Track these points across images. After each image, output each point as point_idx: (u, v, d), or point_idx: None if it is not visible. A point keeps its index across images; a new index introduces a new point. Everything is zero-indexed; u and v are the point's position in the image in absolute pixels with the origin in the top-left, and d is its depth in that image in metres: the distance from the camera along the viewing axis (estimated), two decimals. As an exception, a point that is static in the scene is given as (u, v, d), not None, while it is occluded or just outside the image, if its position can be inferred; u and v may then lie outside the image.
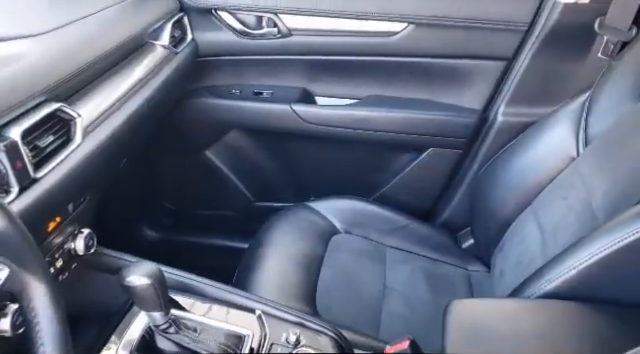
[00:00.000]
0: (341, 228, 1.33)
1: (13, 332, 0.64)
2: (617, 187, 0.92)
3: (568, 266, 0.81)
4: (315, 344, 0.84)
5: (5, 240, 0.50)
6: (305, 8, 1.31)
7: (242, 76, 1.45)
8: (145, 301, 0.76)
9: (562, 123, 1.18)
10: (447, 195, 1.47)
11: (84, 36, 0.97)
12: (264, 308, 0.90)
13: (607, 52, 1.15)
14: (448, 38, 1.31)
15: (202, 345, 0.80)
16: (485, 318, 0.79)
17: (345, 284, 1.18)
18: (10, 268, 0.50)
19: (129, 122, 1.02)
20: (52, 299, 0.52)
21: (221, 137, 1.52)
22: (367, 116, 1.41)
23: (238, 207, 1.62)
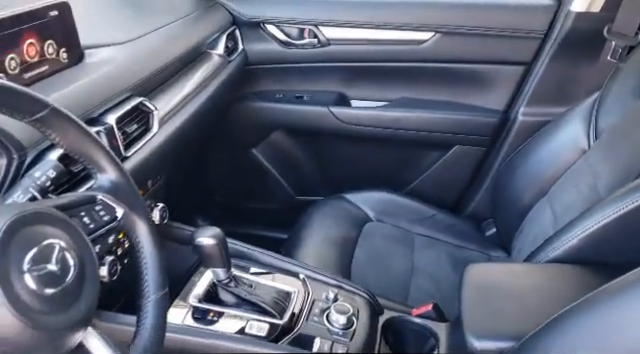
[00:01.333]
0: (373, 217, 1.47)
1: (109, 278, 0.81)
2: (619, 170, 1.04)
3: (571, 235, 0.94)
4: (350, 302, 0.99)
5: (121, 189, 0.67)
6: (342, 20, 1.48)
7: (285, 82, 1.62)
8: (211, 258, 0.93)
9: (575, 120, 1.30)
10: (472, 189, 1.60)
11: (158, 45, 1.16)
12: (307, 272, 1.05)
13: (615, 56, 1.27)
14: (471, 45, 1.46)
15: (257, 297, 0.96)
16: (496, 278, 0.92)
17: (376, 263, 1.32)
18: (124, 210, 0.67)
19: (193, 117, 1.20)
20: (152, 235, 0.69)
21: (266, 137, 1.69)
22: (397, 117, 1.56)
23: (280, 201, 1.78)
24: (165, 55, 1.16)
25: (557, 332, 0.70)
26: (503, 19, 1.42)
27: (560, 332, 0.69)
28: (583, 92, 1.34)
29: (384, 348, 0.98)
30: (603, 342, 0.64)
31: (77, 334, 0.55)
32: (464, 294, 0.89)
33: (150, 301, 0.66)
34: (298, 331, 0.92)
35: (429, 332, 1.01)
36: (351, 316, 0.95)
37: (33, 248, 0.51)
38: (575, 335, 0.68)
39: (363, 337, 0.94)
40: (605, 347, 0.64)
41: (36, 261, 0.51)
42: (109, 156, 0.67)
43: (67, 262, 0.54)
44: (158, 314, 0.66)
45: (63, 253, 0.54)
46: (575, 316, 0.68)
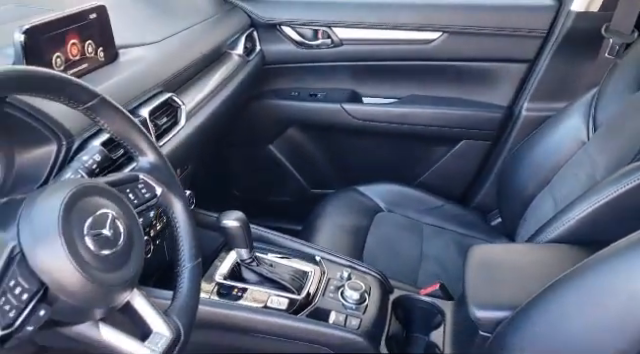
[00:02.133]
0: (384, 207, 1.55)
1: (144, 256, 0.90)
2: (614, 158, 1.11)
3: (569, 217, 1.01)
4: (363, 280, 1.07)
5: (159, 170, 0.76)
6: (354, 21, 1.57)
7: (300, 80, 1.71)
8: (235, 239, 1.01)
9: (575, 114, 1.37)
10: (478, 181, 1.68)
11: (183, 45, 1.26)
12: (322, 255, 1.14)
13: (613, 52, 1.34)
14: (477, 44, 1.53)
15: (277, 276, 1.04)
16: (497, 256, 1.00)
17: (387, 250, 1.40)
18: (162, 189, 0.76)
19: (215, 113, 1.29)
20: (187, 212, 0.78)
21: (282, 133, 1.78)
22: (407, 112, 1.64)
23: (295, 194, 1.87)
24: (190, 54, 1.25)
25: (546, 301, 0.77)
26: (507, 19, 1.50)
27: (549, 301, 0.77)
28: (583, 87, 1.40)
29: (394, 323, 1.06)
30: (585, 307, 0.72)
31: (125, 292, 0.64)
32: (468, 270, 0.97)
33: (186, 269, 0.75)
34: (315, 305, 1.00)
35: (436, 309, 1.09)
36: (363, 293, 1.03)
37: (90, 216, 0.60)
38: (561, 303, 0.75)
39: (374, 312, 1.02)
40: (586, 311, 0.72)
41: (93, 227, 0.60)
42: (149, 141, 0.76)
43: (118, 229, 0.63)
44: (193, 280, 0.75)
45: (115, 221, 0.63)
46: (561, 286, 0.76)
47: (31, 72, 0.61)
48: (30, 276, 0.54)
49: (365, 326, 0.98)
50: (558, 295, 0.77)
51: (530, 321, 0.79)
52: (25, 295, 0.53)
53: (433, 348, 1.02)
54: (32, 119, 0.75)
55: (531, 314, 0.79)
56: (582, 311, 0.73)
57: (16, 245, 0.55)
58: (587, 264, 0.76)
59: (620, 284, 0.70)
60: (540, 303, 0.79)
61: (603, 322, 0.70)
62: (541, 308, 0.78)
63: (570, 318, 0.74)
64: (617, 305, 0.69)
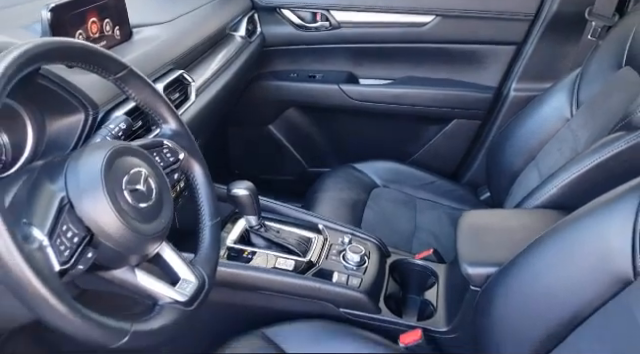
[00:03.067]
0: (380, 183, 1.63)
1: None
2: (595, 131, 1.20)
3: (552, 185, 1.10)
4: (363, 245, 1.15)
5: (181, 137, 0.83)
6: (352, 4, 1.64)
7: (299, 62, 1.78)
8: (245, 207, 1.09)
9: (560, 93, 1.45)
10: (469, 158, 1.76)
11: (191, 25, 1.32)
12: (325, 223, 1.22)
13: (595, 34, 1.42)
14: (468, 27, 1.61)
15: (283, 240, 1.12)
16: (486, 220, 1.09)
17: (384, 221, 1.48)
18: (184, 154, 0.83)
19: (221, 91, 1.36)
20: (206, 175, 0.85)
21: (281, 113, 1.85)
22: (401, 93, 1.72)
23: (294, 172, 1.95)
24: (198, 34, 1.32)
25: (528, 256, 0.86)
26: (496, 3, 1.58)
27: (531, 256, 0.86)
28: (567, 68, 1.49)
29: (392, 284, 1.14)
30: (561, 261, 0.81)
31: (157, 243, 0.71)
32: (459, 233, 1.05)
33: (207, 226, 0.83)
34: (319, 267, 1.08)
35: (430, 271, 1.18)
36: (363, 256, 1.11)
37: (127, 173, 0.68)
38: (541, 258, 0.84)
39: (373, 273, 1.10)
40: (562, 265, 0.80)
41: (130, 182, 0.67)
42: (172, 110, 0.83)
43: (151, 186, 0.70)
44: (213, 236, 0.83)
45: (147, 179, 0.70)
46: (541, 243, 0.85)
47: (73, 43, 0.68)
48: (78, 223, 0.62)
49: (365, 285, 1.06)
50: (538, 251, 0.85)
51: (514, 274, 0.88)
52: (75, 238, 0.61)
53: (427, 305, 1.11)
54: (62, 90, 0.82)
55: (515, 268, 0.88)
56: (558, 264, 0.82)
57: (64, 196, 0.62)
58: (564, 223, 0.85)
59: (591, 240, 0.79)
60: (523, 258, 0.87)
61: (577, 273, 0.79)
62: (524, 263, 0.87)
63: (548, 271, 0.83)
64: (588, 258, 0.78)
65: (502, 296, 0.89)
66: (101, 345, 0.59)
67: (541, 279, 0.84)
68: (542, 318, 0.82)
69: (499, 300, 0.89)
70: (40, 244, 0.57)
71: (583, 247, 0.80)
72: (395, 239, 1.41)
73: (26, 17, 0.95)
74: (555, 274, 0.82)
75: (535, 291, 0.84)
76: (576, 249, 0.81)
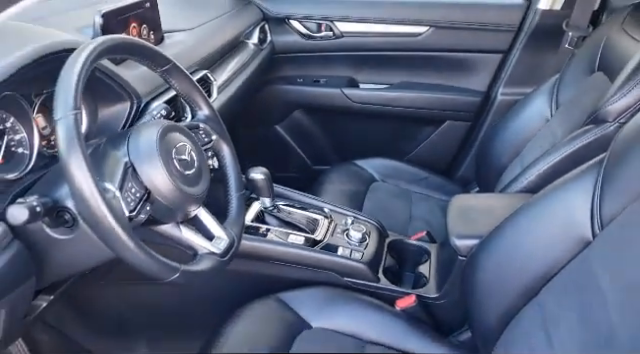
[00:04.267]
0: (378, 178, 1.78)
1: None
2: (570, 127, 1.35)
3: (532, 172, 1.26)
4: (364, 226, 1.30)
5: (213, 122, 0.99)
6: (354, 16, 1.81)
7: (305, 68, 1.94)
8: (260, 189, 1.24)
9: (541, 96, 1.62)
10: (460, 156, 1.92)
11: (212, 33, 1.49)
12: (330, 207, 1.37)
13: (572, 44, 1.59)
14: (459, 37, 1.78)
15: (294, 220, 1.27)
16: (473, 201, 1.24)
17: (381, 211, 1.62)
18: (216, 136, 0.98)
19: (236, 92, 1.52)
20: (233, 155, 1.00)
21: (288, 115, 2.01)
22: (398, 96, 1.88)
23: (299, 170, 2.10)
24: (217, 40, 1.48)
25: (506, 226, 1.01)
26: (485, 15, 1.75)
27: (508, 226, 1.01)
28: (548, 74, 1.65)
29: (389, 260, 1.29)
30: (533, 228, 0.96)
31: (197, 204, 0.86)
32: (449, 212, 1.20)
33: (234, 197, 0.98)
34: (326, 242, 1.23)
35: (423, 250, 1.33)
36: (364, 234, 1.26)
37: (175, 145, 0.83)
38: (517, 226, 1.00)
39: (373, 249, 1.25)
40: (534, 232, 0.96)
41: (177, 153, 0.82)
42: (206, 100, 0.99)
43: (193, 157, 0.86)
44: (240, 205, 0.98)
45: (190, 152, 0.85)
46: (517, 214, 1.00)
47: (134, 40, 0.84)
48: (139, 182, 0.77)
49: (366, 258, 1.21)
50: (514, 222, 1.01)
51: (494, 243, 1.03)
52: (138, 194, 0.76)
53: (420, 277, 1.26)
54: (113, 82, 0.97)
55: (495, 238, 1.03)
56: (531, 232, 0.97)
57: (128, 161, 0.77)
58: (536, 197, 1.00)
59: (559, 209, 0.94)
60: (501, 229, 1.02)
61: (546, 238, 0.94)
62: (502, 233, 1.02)
63: (523, 237, 0.98)
64: (556, 225, 0.93)
65: (484, 262, 1.04)
66: (157, 278, 0.74)
67: (516, 245, 0.99)
68: (517, 278, 0.97)
69: (481, 266, 1.04)
70: (114, 194, 0.72)
71: (551, 216, 0.95)
72: (392, 225, 1.56)
73: (77, 22, 1.11)
74: (528, 240, 0.97)
75: (511, 255, 0.99)
76: (546, 218, 0.96)
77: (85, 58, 0.73)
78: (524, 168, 1.43)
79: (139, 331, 1.31)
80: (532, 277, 0.94)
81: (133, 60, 0.88)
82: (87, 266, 0.83)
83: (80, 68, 0.71)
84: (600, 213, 0.87)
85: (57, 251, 0.78)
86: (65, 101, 0.68)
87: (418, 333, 1.10)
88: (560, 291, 0.90)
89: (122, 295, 1.26)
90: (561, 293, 0.90)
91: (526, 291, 0.95)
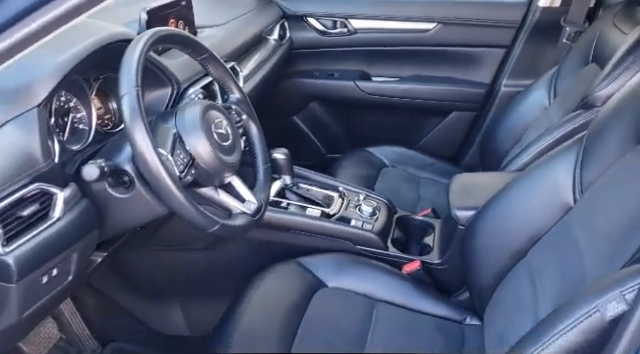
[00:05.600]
0: (389, 164, 1.92)
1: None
2: (564, 112, 1.47)
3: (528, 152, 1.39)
4: (375, 202, 1.44)
5: (243, 104, 1.13)
6: (367, 14, 1.96)
7: (321, 63, 2.09)
8: (282, 168, 1.39)
9: (540, 87, 1.74)
10: (466, 144, 2.06)
11: (237, 29, 1.64)
12: (344, 186, 1.51)
13: (569, 39, 1.72)
14: (465, 33, 1.92)
15: (312, 196, 1.42)
16: (473, 178, 1.38)
17: (391, 193, 1.74)
18: (245, 116, 1.13)
19: (259, 83, 1.67)
20: (260, 131, 1.15)
21: (305, 106, 2.16)
22: (408, 88, 2.02)
23: (314, 158, 2.24)
24: (242, 36, 1.63)
25: (500, 196, 1.15)
26: (489, 12, 1.88)
27: (502, 195, 1.14)
28: (547, 66, 1.78)
29: (397, 232, 1.43)
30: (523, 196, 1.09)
31: (232, 171, 1.01)
32: (451, 188, 1.34)
33: (260, 169, 1.13)
34: (340, 215, 1.37)
35: (428, 224, 1.46)
36: (375, 209, 1.40)
37: (214, 121, 0.98)
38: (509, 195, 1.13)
39: (383, 221, 1.39)
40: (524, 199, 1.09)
41: (216, 127, 0.97)
42: (237, 84, 1.14)
43: (228, 131, 1.00)
44: (266, 175, 1.13)
45: (226, 127, 1.00)
46: (510, 184, 1.14)
47: (180, 32, 0.99)
48: (185, 150, 0.92)
49: (376, 229, 1.35)
50: (507, 192, 1.14)
51: (489, 211, 1.16)
52: (185, 159, 0.91)
53: (425, 247, 1.39)
54: (157, 70, 1.13)
55: (490, 207, 1.17)
56: (521, 200, 1.11)
57: (176, 132, 0.92)
58: (526, 170, 1.14)
59: (545, 179, 1.08)
60: (495, 200, 1.16)
61: (534, 205, 1.07)
62: (496, 202, 1.15)
63: (514, 205, 1.12)
64: (543, 193, 1.07)
65: (480, 229, 1.17)
66: (202, 228, 0.89)
67: (508, 213, 1.13)
68: (509, 241, 1.10)
69: (478, 232, 1.17)
70: (167, 157, 0.87)
71: (539, 187, 1.09)
72: (401, 205, 1.69)
73: (123, 18, 1.27)
74: (519, 208, 1.11)
75: (504, 222, 1.13)
76: (534, 189, 1.10)
77: (143, 45, 0.88)
78: (521, 149, 1.56)
79: (173, 294, 1.46)
80: (522, 240, 1.08)
81: (177, 49, 1.04)
82: (140, 222, 0.99)
83: (139, 53, 0.86)
84: (581, 181, 1.00)
85: (116, 208, 0.93)
86: (128, 79, 0.84)
87: (422, 293, 1.23)
88: (545, 250, 1.04)
89: (159, 261, 1.41)
90: (545, 251, 1.03)
91: (516, 253, 1.08)
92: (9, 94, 0.84)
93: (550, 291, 0.95)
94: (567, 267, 0.93)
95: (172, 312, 1.47)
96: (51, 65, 0.89)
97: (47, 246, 0.82)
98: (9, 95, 0.84)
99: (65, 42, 0.93)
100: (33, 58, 0.65)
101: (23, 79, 0.85)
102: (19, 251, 0.77)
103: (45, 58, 0.89)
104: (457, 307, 1.22)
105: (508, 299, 1.07)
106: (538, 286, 0.99)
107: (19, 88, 0.84)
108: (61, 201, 0.84)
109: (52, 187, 0.84)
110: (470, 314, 1.20)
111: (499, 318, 1.07)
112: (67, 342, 1.41)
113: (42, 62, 0.88)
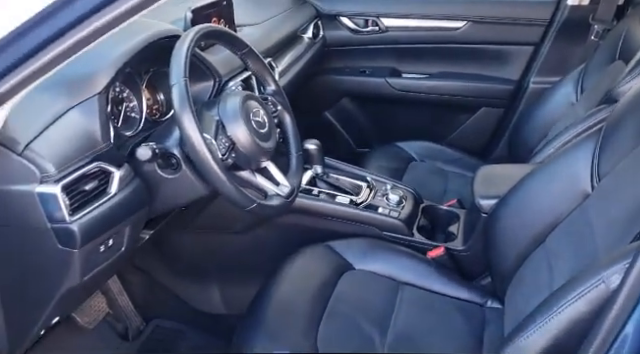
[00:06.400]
0: (417, 158, 1.98)
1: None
2: (589, 107, 1.51)
3: (550, 147, 1.43)
4: (402, 191, 1.51)
5: (278, 95, 1.22)
6: (398, 13, 2.03)
7: (352, 60, 2.17)
8: (314, 157, 1.47)
9: (568, 84, 1.78)
10: (494, 140, 2.10)
11: (274, 27, 1.73)
12: (372, 176, 1.58)
13: (597, 36, 1.75)
14: (494, 31, 1.97)
15: (341, 185, 1.50)
16: (496, 170, 1.44)
17: (419, 186, 1.81)
18: (280, 106, 1.22)
19: (293, 78, 1.76)
20: (293, 122, 1.23)
21: (336, 102, 2.24)
22: (437, 85, 2.08)
23: (344, 152, 2.31)
24: (278, 34, 1.73)
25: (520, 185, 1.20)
26: (518, 11, 1.93)
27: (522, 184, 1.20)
28: (575, 63, 1.81)
29: (423, 221, 1.50)
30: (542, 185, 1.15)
31: (267, 156, 1.10)
32: (476, 178, 1.40)
33: (293, 156, 1.21)
34: (368, 203, 1.45)
35: (453, 214, 1.52)
36: (402, 198, 1.47)
37: (252, 110, 1.07)
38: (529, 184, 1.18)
39: (409, 210, 1.46)
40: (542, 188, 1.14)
41: (254, 115, 1.06)
42: (273, 78, 1.23)
43: (265, 119, 1.09)
44: (299, 162, 1.21)
45: (263, 115, 1.09)
46: (530, 174, 1.19)
47: (223, 29, 1.09)
48: (227, 136, 1.01)
49: (402, 216, 1.42)
50: (528, 181, 1.20)
51: (510, 200, 1.22)
52: (226, 144, 1.00)
53: (450, 234, 1.45)
54: (202, 64, 1.22)
55: (511, 195, 1.22)
56: (541, 188, 1.16)
57: (218, 119, 1.02)
58: (547, 160, 1.19)
59: (565, 168, 1.13)
60: (517, 188, 1.22)
61: (554, 193, 1.13)
62: (517, 191, 1.21)
63: (534, 193, 1.17)
64: (563, 181, 1.12)
65: (502, 216, 1.23)
66: (241, 205, 0.98)
67: (529, 201, 1.18)
68: (529, 228, 1.15)
69: (500, 220, 1.23)
70: (211, 141, 0.96)
71: (559, 175, 1.14)
72: (428, 197, 1.75)
73: (168, 16, 1.37)
74: (539, 196, 1.16)
75: (525, 209, 1.18)
76: (554, 176, 1.15)
77: (190, 40, 0.98)
78: (546, 143, 1.61)
79: (212, 275, 1.56)
80: (541, 226, 1.13)
81: (220, 44, 1.13)
82: (185, 200, 1.09)
83: (187, 47, 0.96)
84: (598, 170, 1.05)
85: (164, 187, 1.04)
86: (178, 70, 0.94)
87: (445, 277, 1.30)
88: (562, 235, 1.09)
89: (199, 243, 1.52)
90: (563, 236, 1.09)
91: (536, 238, 1.13)
92: (73, 83, 0.95)
93: (565, 272, 1.00)
94: (581, 249, 0.98)
95: (210, 291, 1.57)
96: (110, 58, 1.00)
97: (105, 218, 0.92)
98: (73, 84, 0.95)
99: (120, 38, 1.02)
100: (94, 52, 0.75)
101: (86, 70, 0.96)
102: (82, 221, 0.87)
103: (104, 52, 0.99)
104: (479, 291, 1.28)
105: (527, 282, 1.13)
106: (554, 268, 1.04)
107: (83, 78, 0.95)
108: (117, 179, 0.95)
109: (109, 166, 0.94)
110: (491, 298, 1.26)
111: (518, 300, 1.12)
112: (114, 317, 1.53)
113: (102, 55, 0.99)
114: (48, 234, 0.86)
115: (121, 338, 1.52)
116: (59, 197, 0.84)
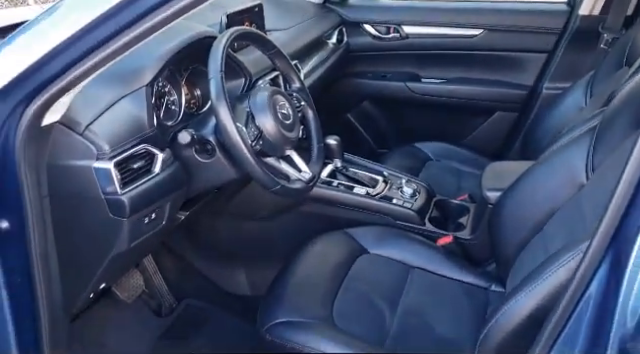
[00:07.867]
0: (433, 157, 2.09)
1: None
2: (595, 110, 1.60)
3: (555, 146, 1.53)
4: (416, 185, 1.62)
5: (302, 91, 1.35)
6: (418, 21, 2.15)
7: (374, 65, 2.29)
8: (334, 151, 1.60)
9: (578, 90, 1.86)
10: (508, 142, 2.19)
11: (300, 32, 1.87)
12: (388, 171, 1.70)
13: (607, 44, 1.84)
14: (510, 38, 2.07)
15: (359, 178, 1.62)
16: (504, 166, 1.54)
17: (433, 184, 1.92)
18: (304, 103, 1.35)
19: (316, 81, 1.89)
20: (316, 116, 1.36)
21: (358, 105, 2.37)
22: (455, 90, 2.19)
23: (365, 153, 2.42)
24: (304, 39, 1.86)
25: (523, 177, 1.30)
26: (533, 20, 2.03)
27: (525, 177, 1.30)
28: (585, 70, 1.90)
29: (435, 212, 1.61)
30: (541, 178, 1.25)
31: (291, 145, 1.23)
32: (484, 173, 1.51)
33: (315, 147, 1.34)
34: (383, 194, 1.56)
35: (464, 207, 1.63)
36: (415, 191, 1.59)
37: (278, 103, 1.20)
38: (531, 177, 1.28)
39: (422, 202, 1.57)
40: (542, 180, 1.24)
41: (280, 108, 1.20)
42: (298, 76, 1.36)
43: (290, 112, 1.22)
44: (320, 153, 1.34)
45: (288, 108, 1.22)
46: (533, 167, 1.29)
47: (254, 31, 1.23)
48: (255, 125, 1.14)
49: (415, 207, 1.53)
50: (530, 174, 1.30)
51: (514, 189, 1.32)
52: (255, 132, 1.13)
53: (459, 225, 1.56)
54: (234, 63, 1.36)
55: (515, 187, 1.33)
56: (541, 180, 1.26)
57: (249, 111, 1.15)
58: (547, 154, 1.29)
59: (563, 161, 1.23)
60: (520, 180, 1.32)
61: (553, 184, 1.23)
62: (520, 183, 1.31)
63: (534, 184, 1.27)
64: (560, 173, 1.22)
65: (506, 205, 1.33)
66: (267, 186, 1.10)
67: (530, 192, 1.28)
68: (530, 216, 1.25)
69: (504, 208, 1.34)
70: (242, 129, 1.10)
71: (558, 167, 1.24)
72: (441, 194, 1.86)
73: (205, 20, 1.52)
74: (539, 186, 1.27)
75: (526, 199, 1.29)
76: (553, 169, 1.25)
77: (226, 39, 1.12)
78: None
79: (239, 258, 1.70)
80: (541, 215, 1.23)
81: (252, 45, 1.27)
82: (218, 183, 1.22)
83: (224, 46, 1.10)
84: (592, 163, 1.15)
85: (200, 170, 1.17)
86: (215, 66, 1.07)
87: (453, 263, 1.40)
88: (558, 221, 1.19)
89: (228, 228, 1.65)
90: (558, 221, 1.19)
91: (535, 226, 1.23)
92: (125, 76, 1.09)
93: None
94: (573, 233, 1.08)
95: (237, 274, 1.70)
96: (155, 54, 1.15)
97: (149, 193, 1.06)
98: (125, 76, 1.09)
99: (164, 38, 1.17)
100: (142, 49, 0.88)
101: (136, 65, 1.10)
102: (131, 194, 1.01)
103: (151, 49, 1.14)
104: (484, 275, 1.38)
105: (526, 265, 1.23)
106: (550, 250, 1.14)
107: (133, 71, 1.10)
108: (160, 160, 1.09)
109: (154, 148, 1.08)
110: (495, 282, 1.36)
111: (517, 281, 1.22)
112: (149, 295, 1.68)
113: (149, 52, 1.14)
114: (102, 204, 1.00)
115: (155, 314, 1.66)
116: (112, 172, 0.99)
